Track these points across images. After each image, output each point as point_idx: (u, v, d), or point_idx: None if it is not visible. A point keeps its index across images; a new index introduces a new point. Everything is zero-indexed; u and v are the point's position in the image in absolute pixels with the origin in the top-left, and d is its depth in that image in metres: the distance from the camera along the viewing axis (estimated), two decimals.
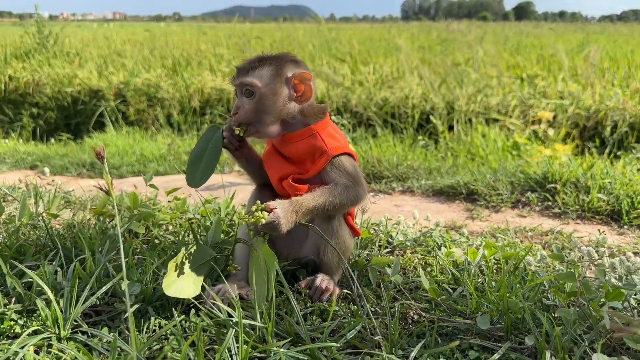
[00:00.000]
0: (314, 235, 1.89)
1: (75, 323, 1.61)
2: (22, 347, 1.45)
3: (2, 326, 1.58)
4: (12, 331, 1.58)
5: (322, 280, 1.87)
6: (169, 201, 2.82)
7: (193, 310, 1.70)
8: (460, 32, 16.15)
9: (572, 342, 1.52)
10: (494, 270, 2.12)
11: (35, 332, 1.56)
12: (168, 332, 1.59)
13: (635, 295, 1.79)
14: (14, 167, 5.87)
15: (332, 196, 1.75)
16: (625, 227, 3.33)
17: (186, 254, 1.72)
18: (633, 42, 15.77)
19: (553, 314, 1.69)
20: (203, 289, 1.70)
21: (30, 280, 1.76)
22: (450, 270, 2.07)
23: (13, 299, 1.73)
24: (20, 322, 1.60)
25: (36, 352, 1.50)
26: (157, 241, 2.31)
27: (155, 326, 1.65)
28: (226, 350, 1.43)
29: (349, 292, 1.92)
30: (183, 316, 1.65)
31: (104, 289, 1.72)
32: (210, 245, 1.98)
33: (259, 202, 1.66)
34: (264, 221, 1.62)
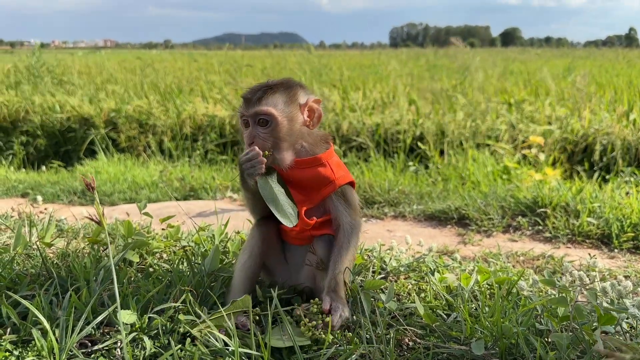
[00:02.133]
0: None
1: (70, 353, 1.60)
2: None
3: None
4: None
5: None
6: (162, 229, 2.82)
7: (189, 340, 1.70)
8: (448, 58, 16.37)
9: None
10: (487, 296, 2.14)
11: None
12: None
13: (627, 318, 1.82)
14: (5, 195, 5.85)
15: (349, 249, 1.89)
16: (616, 250, 3.37)
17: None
18: (618, 67, 16.05)
19: (546, 339, 1.71)
20: (199, 316, 1.71)
21: (26, 310, 1.75)
22: (444, 296, 2.08)
23: (8, 329, 1.72)
24: (16, 352, 1.60)
25: None
26: (151, 269, 2.31)
27: (151, 355, 1.65)
28: None
29: None
30: (179, 345, 1.65)
31: (99, 318, 1.72)
32: (207, 273, 1.99)
33: (314, 303, 1.76)
34: (335, 322, 1.69)
